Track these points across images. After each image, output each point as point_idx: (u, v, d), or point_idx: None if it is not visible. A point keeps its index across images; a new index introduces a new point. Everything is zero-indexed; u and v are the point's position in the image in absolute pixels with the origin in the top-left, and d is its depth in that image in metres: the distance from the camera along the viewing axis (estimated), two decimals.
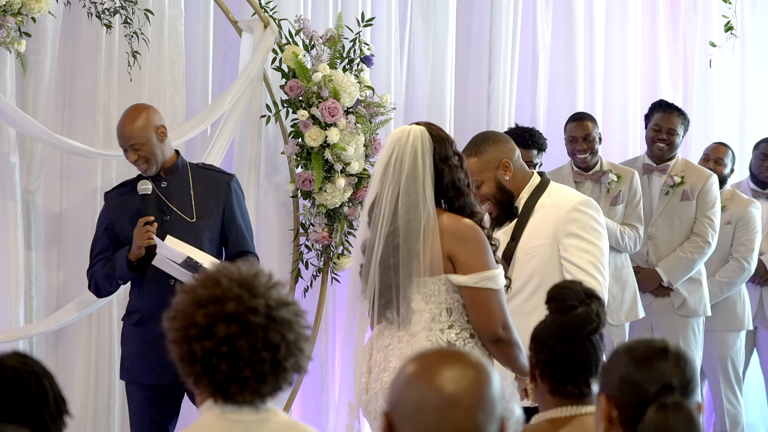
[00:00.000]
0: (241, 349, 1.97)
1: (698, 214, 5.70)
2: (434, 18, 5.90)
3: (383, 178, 3.31)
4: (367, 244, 3.35)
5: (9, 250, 4.60)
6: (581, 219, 3.77)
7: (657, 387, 2.03)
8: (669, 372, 2.04)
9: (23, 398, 2.08)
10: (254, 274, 2.03)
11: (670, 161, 5.81)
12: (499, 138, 3.89)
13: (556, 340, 2.47)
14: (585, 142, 5.60)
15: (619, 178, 5.61)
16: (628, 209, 5.58)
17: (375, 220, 3.32)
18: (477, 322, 3.29)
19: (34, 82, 4.70)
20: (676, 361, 2.06)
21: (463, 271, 3.25)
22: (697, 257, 5.66)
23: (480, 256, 3.27)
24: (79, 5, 4.67)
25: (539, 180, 3.88)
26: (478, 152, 3.81)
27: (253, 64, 4.96)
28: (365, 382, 3.39)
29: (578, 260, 3.72)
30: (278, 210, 5.22)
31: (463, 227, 3.28)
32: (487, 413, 1.77)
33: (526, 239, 3.80)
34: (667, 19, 6.73)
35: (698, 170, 5.81)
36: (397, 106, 5.52)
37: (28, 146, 4.73)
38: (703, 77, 6.72)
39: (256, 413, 2.03)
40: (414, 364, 1.81)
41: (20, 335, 4.56)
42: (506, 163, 3.81)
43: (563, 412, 2.48)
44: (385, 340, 3.34)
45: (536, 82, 6.26)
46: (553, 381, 2.48)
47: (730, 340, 5.94)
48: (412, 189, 3.27)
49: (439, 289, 3.28)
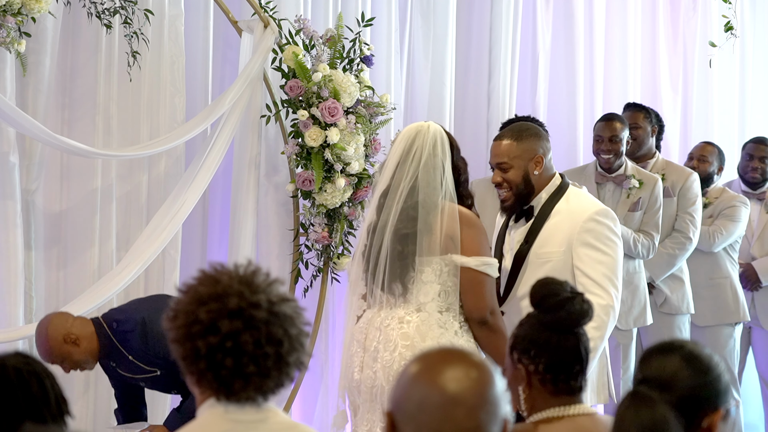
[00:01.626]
0: (246, 344, 1.97)
1: (679, 210, 5.70)
2: (434, 18, 5.90)
3: (402, 166, 3.51)
4: (377, 226, 3.51)
5: (9, 250, 4.60)
6: (597, 229, 3.76)
7: (639, 379, 2.00)
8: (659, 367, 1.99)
9: (24, 398, 2.08)
10: (253, 272, 2.04)
11: (651, 159, 5.85)
12: (541, 133, 3.90)
13: (558, 337, 2.45)
14: (610, 143, 5.56)
15: (641, 184, 5.55)
16: (646, 216, 5.54)
17: (389, 203, 3.49)
18: (469, 303, 3.51)
19: (34, 82, 4.69)
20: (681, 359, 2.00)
21: (465, 253, 3.48)
22: (679, 253, 5.67)
23: (483, 243, 3.53)
24: (79, 5, 4.66)
25: (559, 182, 3.87)
26: (519, 138, 3.83)
27: (253, 64, 4.96)
28: (359, 362, 3.49)
29: (592, 272, 3.70)
30: (278, 210, 5.22)
31: (470, 216, 3.55)
32: (490, 413, 1.76)
33: (539, 244, 3.80)
34: (667, 19, 6.73)
35: (678, 169, 5.84)
36: (397, 106, 5.52)
37: (28, 146, 4.73)
38: (703, 77, 6.72)
39: (257, 412, 2.03)
40: (417, 364, 1.80)
41: (20, 335, 4.55)
42: (540, 158, 3.82)
43: (557, 412, 2.46)
44: (384, 321, 3.49)
45: (536, 82, 6.25)
46: (557, 380, 2.46)
47: (723, 337, 5.91)
48: (431, 175, 3.50)
49: (441, 269, 3.47)
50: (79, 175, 4.85)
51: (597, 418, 2.48)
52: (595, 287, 3.66)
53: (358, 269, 3.59)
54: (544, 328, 2.47)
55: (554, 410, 2.46)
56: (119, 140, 4.90)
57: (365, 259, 3.54)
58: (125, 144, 4.88)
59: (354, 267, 3.63)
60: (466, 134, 6.03)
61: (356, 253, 3.63)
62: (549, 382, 2.46)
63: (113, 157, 4.80)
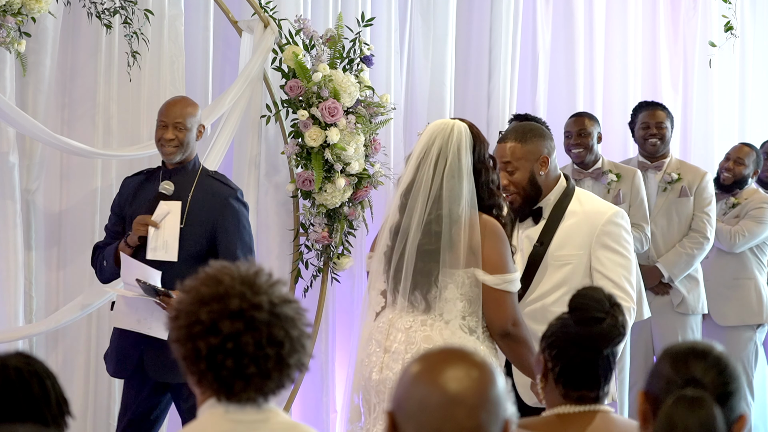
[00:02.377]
0: (246, 346, 1.97)
1: (696, 210, 5.72)
2: (434, 18, 5.90)
3: (422, 165, 3.42)
4: (400, 227, 3.43)
5: (9, 250, 4.60)
6: (615, 231, 3.78)
7: (683, 380, 1.98)
8: (701, 370, 1.98)
9: (25, 398, 2.07)
10: (255, 273, 2.03)
11: (665, 158, 5.83)
12: (546, 133, 3.90)
13: (579, 350, 2.45)
14: (579, 137, 5.63)
15: (618, 177, 5.61)
16: (632, 209, 5.57)
17: (411, 204, 3.41)
18: (489, 316, 3.43)
19: (34, 82, 4.70)
20: (715, 363, 1.99)
21: (487, 268, 3.39)
22: (697, 253, 5.69)
23: (506, 257, 3.43)
24: (79, 5, 4.66)
25: (566, 184, 3.87)
26: (523, 140, 3.83)
27: (253, 64, 4.96)
28: (378, 362, 3.42)
29: (613, 275, 3.72)
30: (278, 210, 5.22)
31: (493, 225, 3.43)
32: (491, 413, 1.76)
33: (557, 246, 3.79)
34: (667, 19, 6.73)
35: (693, 168, 5.85)
36: (397, 106, 5.52)
37: (28, 146, 4.73)
38: (703, 77, 6.72)
39: (258, 412, 2.03)
40: (418, 363, 1.80)
41: (20, 335, 4.56)
42: (545, 159, 3.82)
43: (572, 408, 2.48)
44: (405, 323, 3.42)
45: (536, 82, 6.26)
46: (568, 386, 2.47)
47: (743, 339, 5.91)
48: (456, 182, 3.40)
49: (464, 281, 3.40)
50: (79, 175, 4.86)
51: (610, 417, 2.49)
52: (617, 289, 3.66)
53: (379, 266, 3.50)
54: (569, 337, 2.47)
55: (565, 407, 2.49)
56: (119, 140, 4.90)
57: (386, 260, 3.47)
58: (125, 144, 4.88)
59: (374, 263, 3.53)
60: None
61: (377, 250, 3.53)
62: (561, 385, 2.48)
63: (113, 157, 4.80)
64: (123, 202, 4.36)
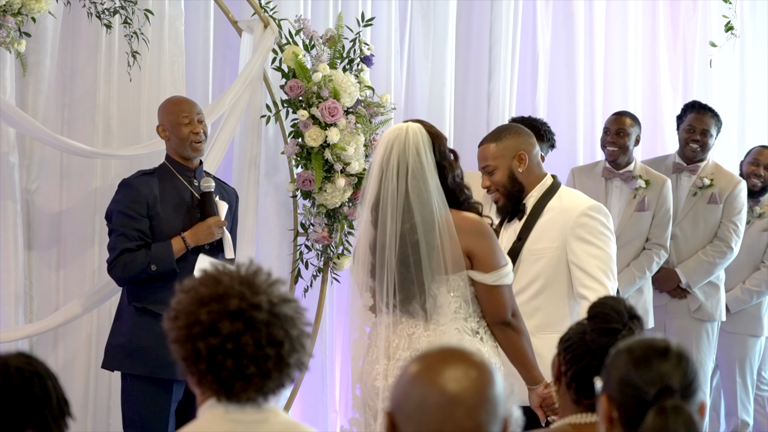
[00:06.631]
0: (246, 346, 1.97)
1: (724, 218, 5.64)
2: (434, 18, 5.90)
3: (384, 175, 3.34)
4: (377, 243, 3.36)
5: (9, 250, 4.60)
6: (590, 224, 3.79)
7: (656, 389, 1.97)
8: (669, 373, 1.98)
9: (26, 399, 2.07)
10: (254, 272, 2.04)
11: (701, 162, 5.77)
12: (522, 131, 3.91)
13: (592, 358, 2.43)
14: (616, 136, 5.59)
15: (647, 184, 5.53)
16: (655, 219, 5.52)
17: (382, 218, 3.34)
18: (488, 309, 3.42)
19: (34, 82, 4.70)
20: (677, 362, 1.99)
21: (481, 268, 3.37)
22: (719, 262, 5.62)
23: (496, 252, 3.40)
24: (79, 5, 4.66)
25: (551, 182, 3.90)
26: (497, 138, 3.86)
27: (253, 64, 4.96)
28: (383, 370, 3.38)
29: (587, 266, 3.74)
30: (278, 210, 5.22)
31: (475, 223, 3.39)
32: (490, 413, 1.76)
33: (533, 240, 3.82)
34: (667, 19, 6.73)
35: (728, 175, 5.76)
36: (397, 106, 5.52)
37: (27, 146, 4.73)
38: (703, 77, 6.71)
39: (258, 412, 2.03)
40: (417, 364, 1.80)
41: (20, 335, 4.56)
42: (522, 155, 3.83)
43: (585, 418, 2.46)
44: (407, 329, 3.38)
45: (536, 82, 6.26)
46: (580, 392, 2.46)
47: (750, 344, 5.90)
48: (421, 186, 3.33)
49: (458, 284, 3.37)
50: (79, 175, 4.85)
51: None
52: (591, 280, 3.70)
53: (364, 281, 3.42)
54: (584, 343, 2.47)
55: (578, 416, 2.47)
56: (119, 140, 4.90)
57: (373, 278, 3.39)
58: (125, 144, 4.88)
59: (360, 278, 3.45)
60: (466, 134, 6.04)
61: (358, 264, 3.45)
62: (573, 390, 2.47)
63: (113, 157, 4.80)
64: (152, 201, 4.23)
